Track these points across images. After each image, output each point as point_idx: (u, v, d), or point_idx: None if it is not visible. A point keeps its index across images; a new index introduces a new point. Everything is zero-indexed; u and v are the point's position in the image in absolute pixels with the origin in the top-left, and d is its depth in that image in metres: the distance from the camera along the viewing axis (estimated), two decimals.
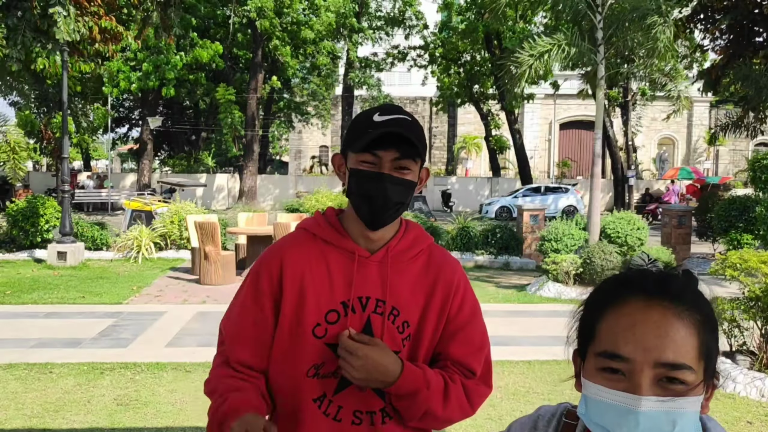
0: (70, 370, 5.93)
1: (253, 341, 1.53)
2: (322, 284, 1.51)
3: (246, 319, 1.54)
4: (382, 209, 1.49)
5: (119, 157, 54.76)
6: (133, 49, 24.67)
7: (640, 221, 10.90)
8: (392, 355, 1.45)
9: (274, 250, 1.58)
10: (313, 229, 1.59)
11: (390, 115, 1.49)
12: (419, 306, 1.54)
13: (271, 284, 1.52)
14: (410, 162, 1.49)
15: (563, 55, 10.40)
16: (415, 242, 1.59)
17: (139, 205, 16.30)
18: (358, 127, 1.51)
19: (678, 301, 0.91)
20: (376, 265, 1.53)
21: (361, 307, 1.50)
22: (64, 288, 10.04)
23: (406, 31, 33.48)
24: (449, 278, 1.58)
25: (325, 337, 1.49)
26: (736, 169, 45.42)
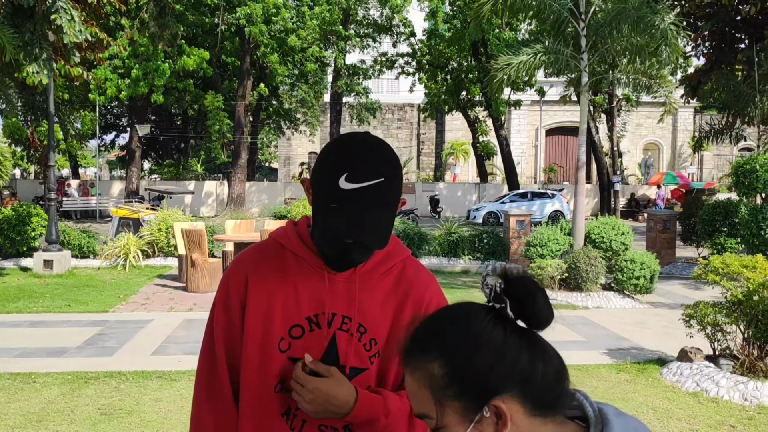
0: (53, 380, 5.91)
1: (230, 363, 1.50)
2: (288, 298, 1.47)
3: (219, 340, 1.51)
4: (342, 267, 1.47)
5: (107, 164, 54.52)
6: (121, 57, 24.66)
7: (625, 226, 10.97)
8: (346, 386, 1.41)
9: (240, 262, 1.55)
10: (282, 240, 1.55)
11: (359, 182, 1.34)
12: (387, 323, 1.50)
13: (239, 297, 1.49)
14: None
15: (542, 64, 10.48)
16: (388, 258, 1.54)
17: (127, 213, 16.24)
18: (323, 184, 1.38)
19: (405, 359, 1.00)
20: (344, 282, 1.49)
21: (327, 323, 1.47)
22: (50, 296, 10.00)
23: (393, 39, 33.61)
24: (420, 294, 1.53)
25: (288, 351, 1.46)
26: (721, 174, 45.82)
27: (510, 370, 0.91)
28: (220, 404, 1.50)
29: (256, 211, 30.79)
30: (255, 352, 1.47)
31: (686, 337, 6.36)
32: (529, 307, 0.94)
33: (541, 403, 0.93)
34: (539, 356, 0.94)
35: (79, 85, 24.30)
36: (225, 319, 1.51)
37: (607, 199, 29.49)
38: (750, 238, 11.66)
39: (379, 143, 1.41)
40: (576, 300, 9.89)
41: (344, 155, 1.38)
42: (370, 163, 1.36)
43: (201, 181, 34.12)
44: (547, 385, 0.93)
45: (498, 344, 0.93)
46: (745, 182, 11.79)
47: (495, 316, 0.95)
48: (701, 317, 6.10)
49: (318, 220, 1.43)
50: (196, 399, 1.54)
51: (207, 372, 1.53)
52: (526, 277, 0.97)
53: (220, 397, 1.50)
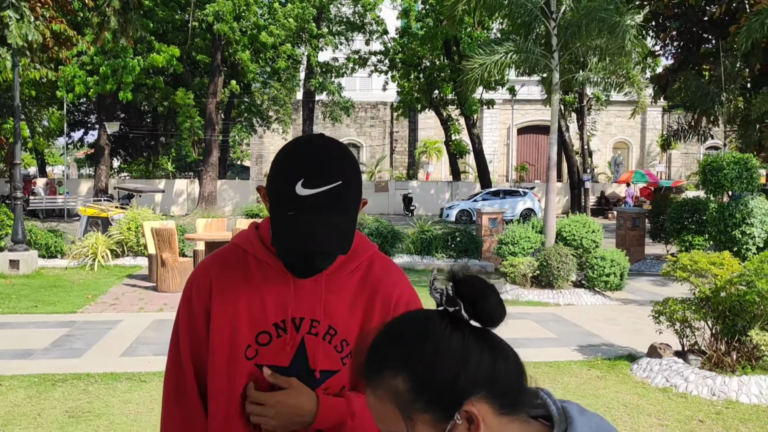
0: (20, 383, 5.79)
1: (197, 367, 1.48)
2: (254, 305, 1.44)
3: (185, 346, 1.48)
4: (302, 273, 1.44)
5: (76, 162, 53.68)
6: (89, 54, 24.26)
7: (595, 224, 11.09)
8: (306, 394, 1.40)
9: (203, 269, 1.51)
10: (244, 245, 1.50)
11: (315, 188, 1.29)
12: (357, 322, 1.47)
13: (203, 305, 1.46)
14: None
15: (513, 63, 10.54)
16: (354, 256, 1.49)
17: (96, 212, 16.00)
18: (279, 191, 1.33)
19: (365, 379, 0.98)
20: (310, 284, 1.45)
21: (295, 328, 1.43)
22: (16, 297, 9.79)
23: (366, 37, 33.58)
24: (388, 292, 1.49)
25: (255, 358, 1.43)
26: (689, 172, 46.60)
27: (475, 372, 0.90)
28: (187, 406, 1.49)
29: (228, 210, 30.57)
30: (222, 360, 1.44)
31: (656, 333, 6.44)
32: (483, 307, 0.92)
33: (507, 401, 0.93)
34: (500, 355, 0.93)
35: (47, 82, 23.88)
36: (189, 326, 1.49)
37: (578, 197, 29.81)
38: (717, 236, 11.86)
39: (335, 145, 1.37)
40: (547, 297, 9.96)
41: (299, 160, 1.33)
42: (326, 167, 1.31)
43: (171, 180, 33.75)
44: (510, 383, 0.93)
45: (459, 349, 0.91)
46: (713, 180, 11.98)
47: (450, 320, 0.93)
48: (670, 313, 6.18)
49: (277, 230, 1.34)
50: (165, 399, 1.53)
51: (174, 375, 1.51)
52: (474, 276, 0.95)
53: (186, 399, 1.49)
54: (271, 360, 1.43)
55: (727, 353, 5.90)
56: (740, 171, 11.64)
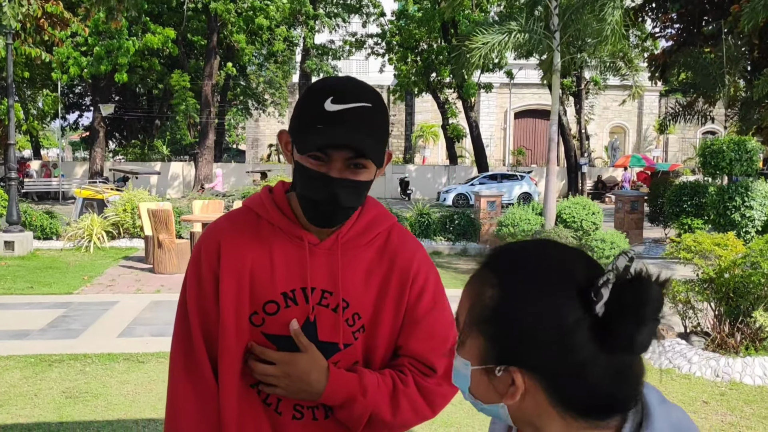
0: (16, 363, 5.72)
1: (206, 338, 1.38)
2: (263, 272, 1.35)
3: (193, 315, 1.39)
4: (330, 214, 1.33)
5: (71, 145, 53.39)
6: (83, 35, 23.99)
7: (595, 206, 11.03)
8: (319, 363, 1.33)
9: (212, 232, 1.42)
10: (257, 208, 1.42)
11: (345, 103, 1.26)
12: (372, 296, 1.39)
13: (212, 269, 1.37)
14: (366, 160, 1.30)
15: (517, 43, 10.42)
16: (372, 225, 1.42)
17: (91, 194, 15.87)
18: (307, 113, 1.29)
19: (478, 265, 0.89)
20: (325, 253, 1.37)
21: (305, 298, 1.36)
22: (12, 278, 9.71)
23: (363, 19, 33.30)
24: (407, 264, 1.42)
25: (263, 326, 1.36)
26: (685, 157, 46.60)
27: (556, 358, 0.78)
28: (199, 382, 1.38)
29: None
30: (230, 327, 1.35)
31: None
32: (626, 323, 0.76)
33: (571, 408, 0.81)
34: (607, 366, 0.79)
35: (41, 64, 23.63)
36: (197, 292, 1.39)
37: (575, 181, 29.77)
38: (717, 218, 11.81)
39: (363, 82, 1.37)
40: None
41: (330, 82, 1.33)
42: (358, 88, 1.31)
43: (167, 163, 33.56)
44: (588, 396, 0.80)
45: (566, 326, 0.77)
46: (712, 163, 11.92)
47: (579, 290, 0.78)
48: (673, 295, 6.13)
49: (300, 166, 1.32)
50: (173, 379, 1.42)
51: (183, 349, 1.41)
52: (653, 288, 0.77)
53: (198, 374, 1.38)
54: (278, 329, 1.35)
55: (731, 334, 5.86)
56: (740, 153, 11.58)
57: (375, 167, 1.33)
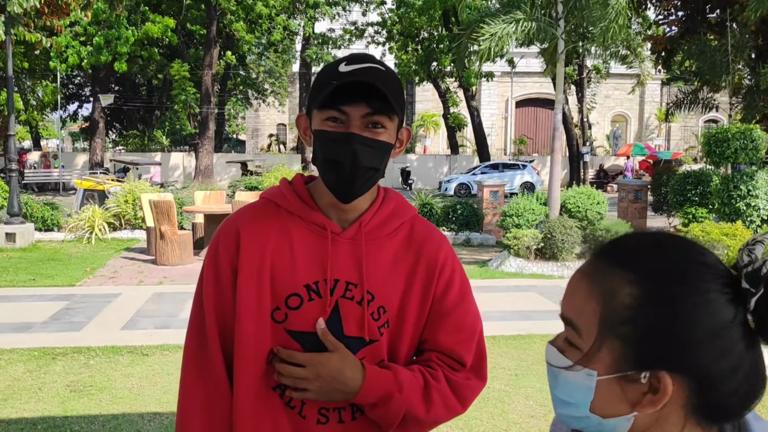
0: (19, 356, 5.67)
1: (222, 335, 1.33)
2: (284, 264, 1.30)
3: (210, 311, 1.33)
4: (351, 177, 1.28)
5: (70, 136, 53.25)
6: (83, 24, 23.86)
7: (600, 195, 10.97)
8: (351, 361, 1.27)
9: (230, 223, 1.37)
10: (276, 199, 1.38)
11: (359, 64, 1.27)
12: (398, 289, 1.34)
13: (230, 262, 1.32)
14: (384, 119, 1.27)
15: (524, 32, 10.32)
16: (394, 215, 1.39)
17: (92, 185, 15.81)
18: (322, 79, 1.29)
19: (594, 258, 0.82)
20: (348, 243, 1.33)
21: (329, 291, 1.30)
22: (14, 270, 9.66)
23: (363, 7, 33.11)
24: (433, 255, 1.38)
25: (285, 322, 1.30)
26: (687, 145, 46.49)
27: (710, 358, 0.72)
28: (211, 382, 1.33)
29: (225, 184, 30.35)
30: (249, 323, 1.29)
31: None
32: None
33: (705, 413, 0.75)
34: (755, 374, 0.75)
35: (40, 53, 23.52)
36: (215, 286, 1.33)
37: (577, 170, 29.69)
38: (721, 208, 11.75)
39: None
40: (551, 270, 9.87)
41: (342, 58, 1.33)
42: (369, 57, 1.31)
43: (167, 153, 33.48)
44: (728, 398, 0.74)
45: (720, 324, 0.72)
46: (717, 151, 11.85)
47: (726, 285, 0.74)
48: None
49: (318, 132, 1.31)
50: (184, 377, 1.36)
51: (196, 346, 1.35)
52: None
53: (210, 373, 1.33)
54: (302, 325, 1.29)
55: None
56: (745, 142, 11.50)
57: (394, 131, 1.32)
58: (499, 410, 4.53)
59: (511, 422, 4.37)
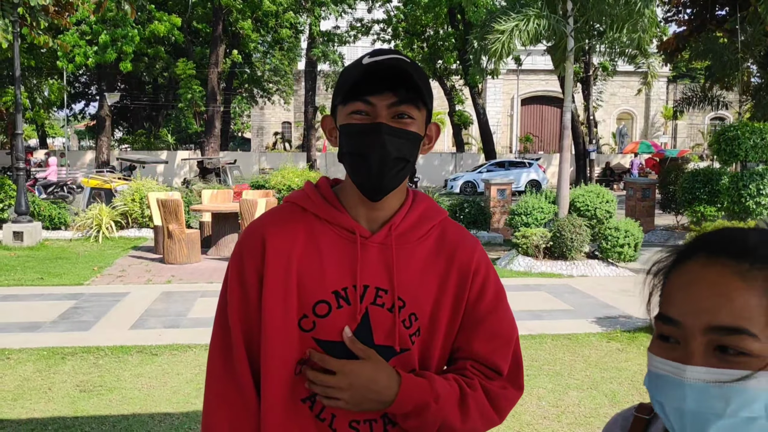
0: (28, 356, 5.66)
1: (248, 344, 1.29)
2: (311, 270, 1.26)
3: (235, 320, 1.29)
4: (380, 169, 1.22)
5: (77, 134, 53.33)
6: (89, 22, 23.86)
7: (609, 194, 10.91)
8: (386, 368, 1.22)
9: (254, 229, 1.32)
10: (302, 202, 1.33)
11: (382, 55, 1.23)
12: (430, 295, 1.29)
13: (256, 268, 1.28)
14: (411, 108, 1.23)
15: (534, 29, 10.25)
16: (425, 217, 1.34)
17: (99, 183, 15.82)
18: (346, 74, 1.26)
19: (743, 258, 0.77)
20: (378, 247, 1.28)
21: (359, 297, 1.26)
22: (21, 269, 9.66)
23: (368, 5, 33.03)
24: (466, 260, 1.32)
25: (313, 331, 1.25)
26: (693, 143, 46.31)
27: None
28: (237, 394, 1.29)
29: (230, 182, 30.34)
30: (276, 333, 1.25)
31: None
32: None
33: None
34: None
35: (46, 52, 23.53)
36: (240, 294, 1.29)
37: (583, 168, 29.56)
38: (730, 206, 11.67)
39: None
40: (560, 268, 9.82)
41: (366, 54, 1.28)
42: (391, 50, 1.25)
43: (173, 151, 33.51)
44: None
45: None
46: (727, 149, 11.76)
47: None
48: None
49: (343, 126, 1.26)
50: (209, 389, 1.32)
51: (221, 356, 1.31)
52: None
53: (237, 386, 1.29)
54: (331, 334, 1.25)
55: None
56: (756, 141, 11.42)
57: (422, 123, 1.27)
58: (512, 411, 4.48)
59: (524, 423, 4.33)
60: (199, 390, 4.83)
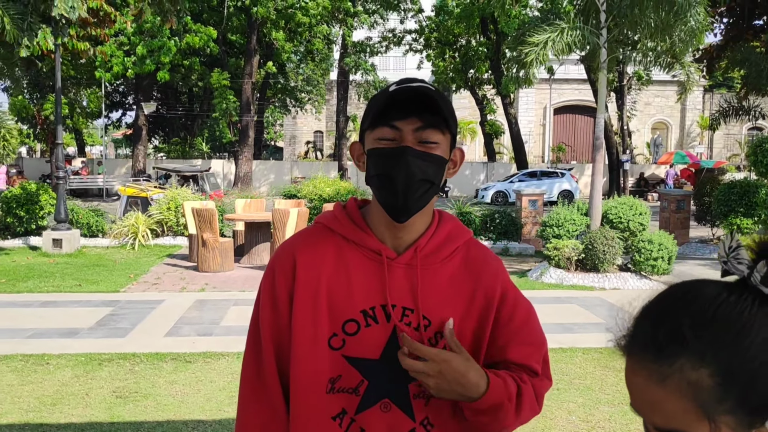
0: (67, 362, 5.81)
1: (279, 361, 1.35)
2: (340, 290, 1.32)
3: (267, 339, 1.36)
4: (406, 190, 1.27)
5: (114, 142, 54.38)
6: (127, 34, 24.42)
7: (642, 206, 10.80)
8: (476, 366, 1.27)
9: (286, 249, 1.39)
10: (331, 224, 1.39)
11: (408, 83, 1.29)
12: (455, 315, 1.34)
13: (287, 287, 1.34)
14: (436, 133, 1.28)
15: (567, 41, 10.23)
16: (450, 239, 1.39)
17: (135, 192, 16.13)
18: (373, 103, 1.32)
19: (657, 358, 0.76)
20: (404, 268, 1.34)
21: (386, 316, 1.31)
22: (60, 276, 9.90)
23: (401, 15, 33.19)
24: (491, 283, 1.38)
25: (343, 349, 1.31)
26: (730, 153, 45.48)
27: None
28: (267, 411, 1.35)
29: (264, 191, 30.69)
30: (305, 350, 1.31)
31: None
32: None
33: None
34: None
35: (85, 62, 24.10)
36: (272, 313, 1.35)
37: (617, 178, 29.29)
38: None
39: None
40: (592, 281, 9.75)
41: (392, 83, 1.35)
42: (417, 80, 1.32)
43: (207, 160, 33.99)
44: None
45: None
46: (764, 161, 11.58)
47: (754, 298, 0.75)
48: None
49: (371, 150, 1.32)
50: (241, 405, 1.40)
51: (254, 373, 1.38)
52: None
53: (267, 401, 1.35)
54: (360, 351, 1.31)
55: None
56: None
57: (447, 147, 1.32)
58: (542, 426, 4.48)
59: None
60: (232, 398, 4.92)
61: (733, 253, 0.78)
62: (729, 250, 0.78)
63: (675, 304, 0.78)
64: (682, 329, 0.75)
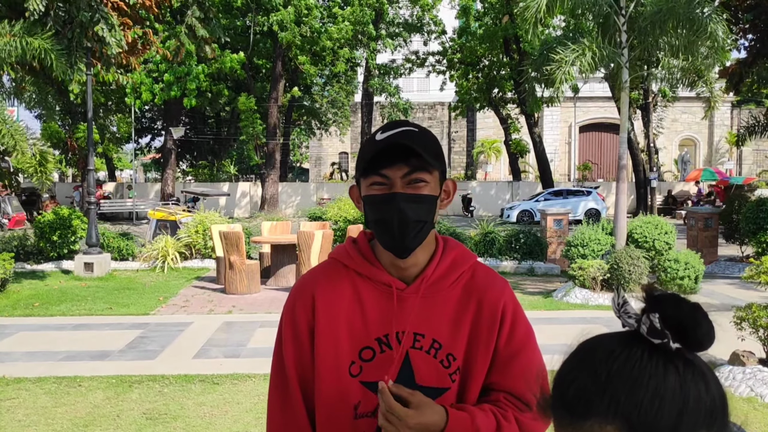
0: (98, 383, 5.95)
1: (304, 392, 1.45)
2: (356, 322, 1.42)
3: (291, 371, 1.45)
4: (402, 233, 1.37)
5: (143, 166, 55.30)
6: (155, 61, 24.97)
7: (668, 225, 10.73)
8: (438, 410, 1.33)
9: (306, 285, 1.50)
10: (344, 259, 1.50)
11: (393, 129, 1.39)
12: (464, 336, 1.43)
13: (308, 322, 1.45)
14: (423, 174, 1.38)
15: (589, 61, 10.28)
16: (455, 265, 1.48)
17: (164, 215, 16.40)
18: (363, 152, 1.42)
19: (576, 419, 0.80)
20: (413, 297, 1.43)
21: (398, 342, 1.41)
22: (92, 299, 10.11)
23: (424, 37, 33.47)
24: (494, 302, 1.46)
25: (360, 376, 1.41)
26: (760, 169, 44.79)
27: (696, 411, 0.77)
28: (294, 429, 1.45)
29: (290, 212, 30.97)
30: (328, 380, 1.41)
31: (737, 340, 6.16)
32: (694, 336, 0.79)
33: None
34: (709, 381, 0.79)
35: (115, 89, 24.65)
36: (294, 346, 1.46)
37: (644, 196, 29.00)
38: None
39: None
40: None
41: (379, 128, 1.45)
42: (402, 122, 1.42)
43: (234, 183, 34.41)
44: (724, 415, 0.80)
45: (677, 387, 0.77)
46: None
47: (654, 349, 0.79)
48: (754, 319, 5.91)
49: (366, 197, 1.42)
50: (271, 423, 1.50)
51: (280, 405, 1.48)
52: (676, 297, 0.81)
53: (294, 422, 1.45)
54: (376, 376, 1.39)
55: None
56: None
57: (436, 183, 1.41)
58: None
59: None
60: (258, 419, 5.00)
61: (622, 309, 0.83)
62: (618, 307, 0.84)
63: (579, 365, 0.83)
64: (586, 390, 0.80)
